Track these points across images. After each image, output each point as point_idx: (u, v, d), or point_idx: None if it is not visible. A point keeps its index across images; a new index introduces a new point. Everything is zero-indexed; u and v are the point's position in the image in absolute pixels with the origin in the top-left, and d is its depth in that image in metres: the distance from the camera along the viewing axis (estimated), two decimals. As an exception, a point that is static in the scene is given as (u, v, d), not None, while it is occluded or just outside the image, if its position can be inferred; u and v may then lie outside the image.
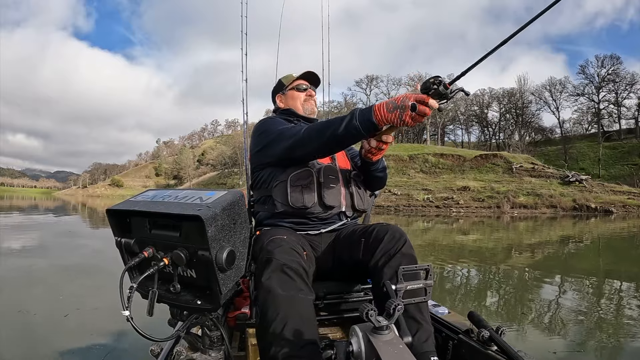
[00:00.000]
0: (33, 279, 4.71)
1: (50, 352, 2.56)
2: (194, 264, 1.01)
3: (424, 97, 1.25)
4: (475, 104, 71.07)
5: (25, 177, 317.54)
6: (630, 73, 54.95)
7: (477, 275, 5.72)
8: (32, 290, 4.17)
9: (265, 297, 1.20)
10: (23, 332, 2.92)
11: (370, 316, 0.95)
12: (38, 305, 3.58)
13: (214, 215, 0.96)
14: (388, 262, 1.39)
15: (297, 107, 1.93)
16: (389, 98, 1.38)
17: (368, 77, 65.62)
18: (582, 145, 55.66)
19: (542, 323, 3.40)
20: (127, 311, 0.90)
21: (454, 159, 44.47)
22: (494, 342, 1.15)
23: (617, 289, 4.88)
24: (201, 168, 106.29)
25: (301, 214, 1.62)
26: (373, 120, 1.33)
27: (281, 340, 1.14)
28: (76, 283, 4.60)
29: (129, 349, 2.56)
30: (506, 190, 31.17)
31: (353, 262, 1.55)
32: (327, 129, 1.44)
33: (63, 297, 3.87)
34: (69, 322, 3.14)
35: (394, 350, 0.91)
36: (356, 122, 1.36)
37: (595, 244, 10.29)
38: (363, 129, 1.36)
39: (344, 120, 1.40)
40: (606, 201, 27.03)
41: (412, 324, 1.29)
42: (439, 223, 17.85)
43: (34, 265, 5.53)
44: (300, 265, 1.29)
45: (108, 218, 1.10)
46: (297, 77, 1.97)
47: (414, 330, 1.28)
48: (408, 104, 1.25)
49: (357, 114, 1.37)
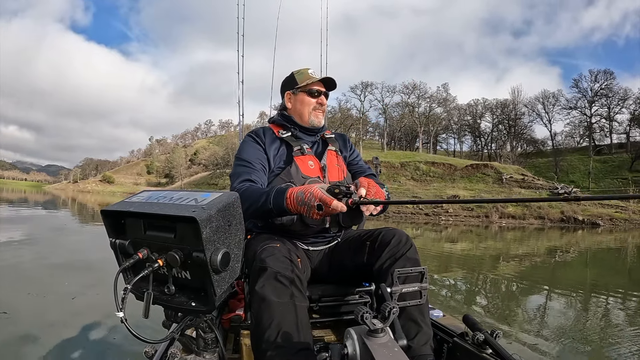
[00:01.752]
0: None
1: (38, 351, 2.52)
2: (188, 265, 1.00)
3: (329, 200, 1.27)
4: (469, 114, 71.60)
5: (16, 169, 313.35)
6: (623, 88, 55.76)
7: (467, 281, 5.76)
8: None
9: (260, 304, 1.22)
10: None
11: (365, 319, 0.96)
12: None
13: (209, 217, 0.96)
14: (393, 265, 1.40)
15: (303, 115, 1.83)
16: (301, 187, 1.38)
17: (363, 84, 65.71)
18: (573, 158, 56.24)
19: (534, 328, 3.43)
20: (121, 312, 0.89)
21: (445, 167, 44.83)
22: (488, 346, 1.15)
23: (604, 299, 4.93)
24: (193, 167, 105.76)
25: (284, 229, 1.60)
26: (284, 207, 1.37)
27: (276, 346, 1.15)
28: (70, 281, 4.54)
29: (123, 350, 2.54)
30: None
31: (355, 265, 1.55)
32: (257, 200, 1.45)
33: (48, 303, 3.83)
34: (62, 324, 3.10)
35: (388, 353, 0.92)
36: (270, 205, 1.41)
37: (583, 255, 10.40)
38: (276, 211, 1.41)
39: (267, 196, 1.42)
40: (594, 214, 27.31)
41: (412, 326, 1.31)
42: (428, 230, 17.93)
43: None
44: (293, 273, 1.30)
45: (103, 219, 1.09)
46: (313, 81, 1.82)
47: (414, 333, 1.29)
48: (314, 204, 1.29)
49: (272, 196, 1.41)
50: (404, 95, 66.81)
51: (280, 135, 1.81)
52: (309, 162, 1.73)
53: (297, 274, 1.31)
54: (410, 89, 66.39)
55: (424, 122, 66.02)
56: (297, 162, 1.70)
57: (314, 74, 1.86)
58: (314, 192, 1.31)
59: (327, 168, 1.75)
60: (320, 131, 1.89)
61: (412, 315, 1.32)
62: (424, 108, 66.14)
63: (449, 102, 67.81)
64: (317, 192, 1.30)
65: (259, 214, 1.47)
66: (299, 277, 1.32)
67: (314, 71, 1.87)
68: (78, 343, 2.67)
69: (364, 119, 66.29)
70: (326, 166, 1.75)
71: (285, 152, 1.79)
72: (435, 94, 66.85)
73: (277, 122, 1.90)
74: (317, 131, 1.87)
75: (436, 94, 66.71)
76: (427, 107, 66.03)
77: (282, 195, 1.38)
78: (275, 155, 1.77)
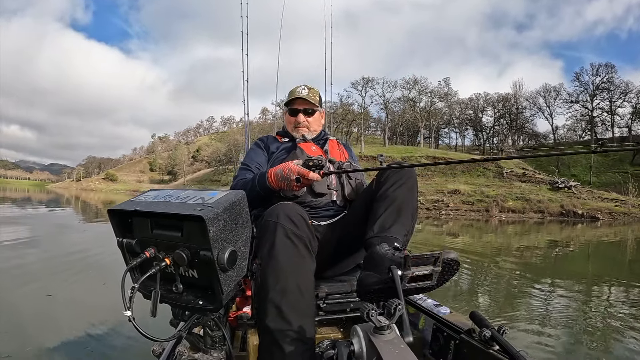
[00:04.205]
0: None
1: (46, 351, 2.52)
2: (195, 264, 1.01)
3: (305, 172, 1.45)
4: (470, 108, 71.28)
5: (19, 168, 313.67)
6: (625, 82, 55.43)
7: (473, 274, 5.76)
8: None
9: (268, 262, 1.24)
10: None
11: (372, 316, 0.96)
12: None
13: (215, 215, 0.97)
14: (398, 189, 1.45)
15: (290, 130, 2.02)
16: (279, 165, 1.54)
17: (364, 79, 65.38)
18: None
19: (542, 324, 3.44)
20: (129, 311, 0.90)
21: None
22: (495, 342, 1.15)
23: (607, 292, 4.94)
24: (195, 164, 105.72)
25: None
26: (267, 186, 1.54)
27: (278, 312, 1.18)
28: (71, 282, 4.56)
29: (131, 348, 2.54)
30: (496, 195, 31.38)
31: (360, 226, 1.51)
32: (245, 187, 1.59)
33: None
34: (71, 320, 3.12)
35: (395, 350, 0.92)
36: (257, 188, 1.57)
37: (584, 248, 10.40)
38: (263, 193, 1.57)
39: (253, 181, 1.61)
40: (593, 208, 27.28)
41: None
42: (429, 225, 17.93)
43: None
44: (304, 232, 1.32)
45: (110, 218, 1.09)
46: (290, 98, 1.99)
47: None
48: (292, 178, 1.46)
49: (256, 180, 1.59)
50: (404, 90, 66.51)
51: (282, 142, 2.01)
52: (311, 147, 1.92)
53: (307, 232, 1.33)
54: (411, 84, 66.09)
55: (425, 117, 65.77)
56: (301, 147, 1.88)
57: (300, 92, 1.98)
58: (291, 167, 1.48)
59: (329, 152, 1.91)
60: (319, 138, 2.05)
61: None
62: (425, 103, 65.78)
63: (451, 97, 67.35)
64: (294, 167, 1.47)
65: (252, 200, 1.49)
66: (309, 236, 1.33)
67: (303, 88, 2.00)
68: (85, 341, 2.68)
69: (365, 115, 66.03)
70: (328, 151, 1.92)
71: (288, 145, 1.96)
72: (437, 88, 66.52)
73: (280, 133, 2.10)
74: (316, 139, 2.03)
75: (437, 89, 66.39)
76: (428, 101, 65.71)
77: (264, 176, 1.55)
78: (278, 148, 1.96)
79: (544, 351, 2.83)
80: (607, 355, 2.86)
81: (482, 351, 1.17)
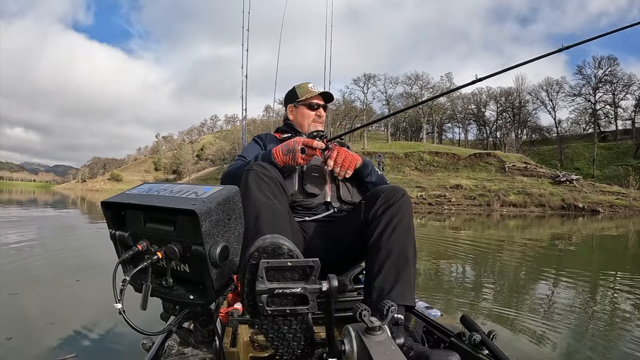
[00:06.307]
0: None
1: (32, 343, 2.50)
2: (187, 258, 1.00)
3: (309, 140, 1.56)
4: (473, 103, 71.10)
5: (24, 170, 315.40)
6: (627, 74, 55.22)
7: (475, 268, 5.75)
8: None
9: (245, 199, 1.31)
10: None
11: (364, 316, 0.97)
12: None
13: (208, 210, 0.96)
14: (386, 211, 1.45)
15: (303, 126, 2.01)
16: (284, 142, 1.62)
17: (366, 76, 65.32)
18: (577, 145, 55.80)
19: (536, 326, 3.43)
20: (119, 304, 0.90)
21: (448, 157, 44.77)
22: (485, 346, 1.14)
23: (611, 290, 4.92)
24: (200, 163, 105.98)
25: None
26: (272, 161, 1.58)
27: (254, 234, 1.28)
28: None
29: (120, 342, 2.53)
30: (497, 189, 31.43)
31: (351, 232, 1.56)
32: (244, 166, 1.60)
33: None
34: (62, 313, 3.12)
35: (385, 351, 0.92)
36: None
37: (586, 241, 10.37)
38: None
39: (256, 158, 1.63)
40: (594, 201, 27.27)
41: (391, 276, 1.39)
42: (432, 220, 17.92)
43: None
44: (274, 174, 1.48)
45: (103, 210, 1.09)
46: (312, 95, 1.99)
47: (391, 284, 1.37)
48: (297, 148, 1.54)
49: (259, 156, 1.63)
50: (406, 86, 66.44)
51: (281, 137, 2.01)
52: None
53: (277, 174, 1.49)
54: (413, 80, 66.01)
55: (427, 112, 65.63)
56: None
57: (313, 88, 2.03)
58: (296, 139, 1.58)
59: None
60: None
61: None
62: (427, 98, 65.66)
63: (453, 92, 67.28)
64: (299, 139, 1.58)
65: None
66: (280, 177, 1.50)
67: (313, 85, 2.05)
68: (74, 334, 2.66)
69: (368, 111, 65.92)
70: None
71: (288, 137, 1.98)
72: (439, 83, 66.35)
73: (280, 129, 2.10)
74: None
75: (439, 84, 66.19)
76: (430, 97, 65.64)
77: (269, 152, 1.61)
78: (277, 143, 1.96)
79: (536, 354, 2.81)
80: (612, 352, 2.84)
81: (471, 355, 1.16)
